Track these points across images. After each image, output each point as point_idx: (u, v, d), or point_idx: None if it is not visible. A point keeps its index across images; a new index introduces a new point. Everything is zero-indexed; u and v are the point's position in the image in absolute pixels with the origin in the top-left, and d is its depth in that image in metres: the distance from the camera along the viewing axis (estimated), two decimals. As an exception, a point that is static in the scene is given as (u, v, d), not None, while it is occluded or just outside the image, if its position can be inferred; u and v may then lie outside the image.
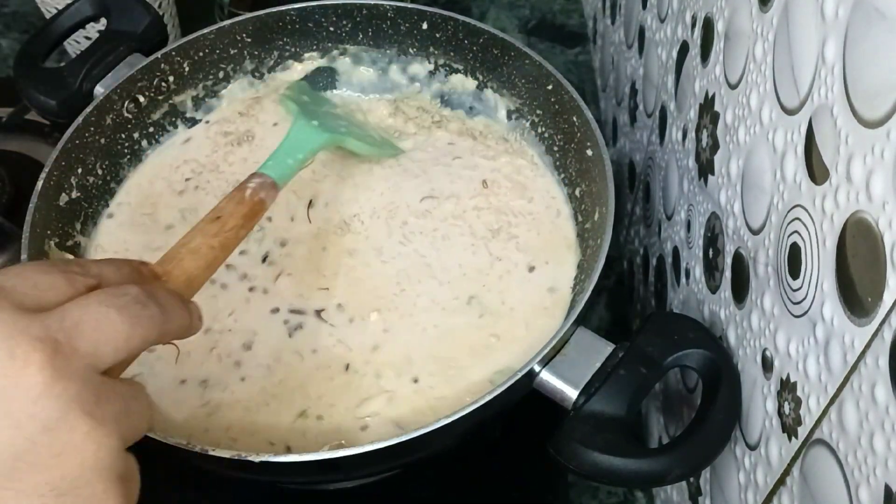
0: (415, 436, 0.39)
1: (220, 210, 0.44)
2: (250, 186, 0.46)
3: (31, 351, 0.28)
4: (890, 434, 0.28)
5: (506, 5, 0.91)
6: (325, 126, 0.55)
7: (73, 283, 0.32)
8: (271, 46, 0.63)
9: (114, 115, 0.57)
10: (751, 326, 0.40)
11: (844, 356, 0.31)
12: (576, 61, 0.86)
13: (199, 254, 0.40)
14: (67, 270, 0.32)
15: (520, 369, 0.42)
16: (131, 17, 0.59)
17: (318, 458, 0.39)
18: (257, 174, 0.47)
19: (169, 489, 0.55)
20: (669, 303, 0.54)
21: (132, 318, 0.31)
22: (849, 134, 0.30)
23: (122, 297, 0.32)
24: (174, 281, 0.38)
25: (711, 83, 0.45)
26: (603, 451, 0.40)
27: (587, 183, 0.54)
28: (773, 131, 0.37)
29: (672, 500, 0.53)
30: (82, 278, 0.32)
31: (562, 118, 0.56)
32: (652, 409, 0.58)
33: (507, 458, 0.57)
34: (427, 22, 0.61)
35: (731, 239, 0.43)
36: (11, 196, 0.63)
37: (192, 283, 0.39)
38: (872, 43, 0.28)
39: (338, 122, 0.59)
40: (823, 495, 0.33)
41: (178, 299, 0.36)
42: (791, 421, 0.35)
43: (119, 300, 0.31)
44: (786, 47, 0.35)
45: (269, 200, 0.47)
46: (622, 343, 0.44)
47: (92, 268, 0.34)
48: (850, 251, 0.30)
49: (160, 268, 0.38)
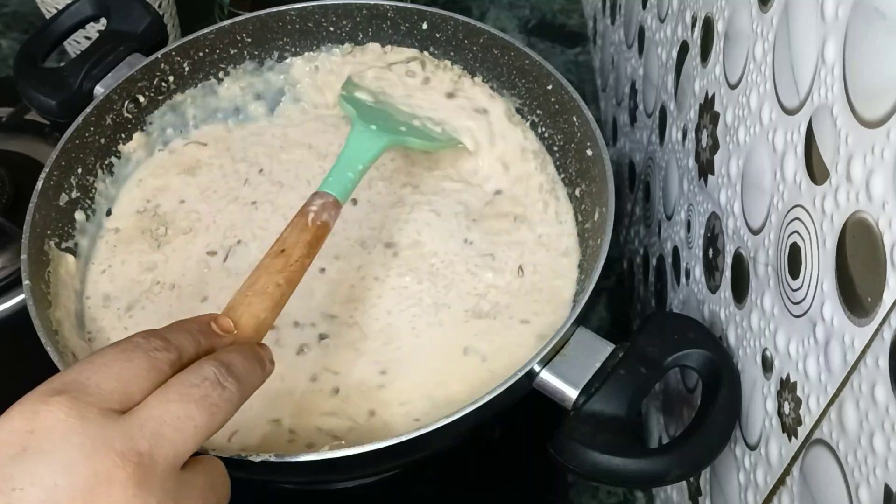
0: (415, 436, 0.39)
1: (284, 241, 0.43)
2: (312, 210, 0.45)
3: (114, 468, 0.29)
4: (890, 434, 0.28)
5: (506, 5, 0.91)
6: (384, 128, 0.53)
7: (157, 366, 0.32)
8: (271, 46, 0.62)
9: (114, 115, 0.57)
10: (751, 326, 0.40)
11: (844, 356, 0.31)
12: (576, 61, 0.86)
13: (267, 294, 0.40)
14: (150, 350, 0.33)
15: (520, 369, 0.42)
16: (131, 17, 0.59)
17: (318, 458, 0.39)
18: (319, 193, 0.46)
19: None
20: (669, 303, 0.54)
21: (212, 409, 0.32)
22: (849, 134, 0.30)
23: (201, 384, 0.32)
24: (244, 330, 0.38)
25: (711, 83, 0.45)
26: (603, 451, 0.40)
27: (587, 183, 0.54)
28: (773, 131, 0.37)
29: (672, 500, 0.53)
30: (165, 354, 0.33)
31: (562, 118, 0.56)
32: (652, 409, 0.58)
33: (507, 458, 0.57)
34: (427, 22, 0.61)
35: (731, 239, 0.43)
36: (11, 196, 0.63)
37: (261, 328, 0.39)
38: (872, 43, 0.28)
39: (397, 119, 0.57)
40: (823, 495, 0.33)
41: (253, 358, 0.36)
42: (791, 421, 0.35)
43: (198, 390, 0.32)
44: (786, 47, 0.35)
45: (333, 221, 0.45)
46: (622, 343, 0.44)
47: (172, 339, 0.34)
48: (850, 251, 0.30)
49: (229, 320, 0.38)
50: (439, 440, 0.41)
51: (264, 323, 0.39)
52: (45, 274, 0.49)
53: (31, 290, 0.46)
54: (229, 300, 0.40)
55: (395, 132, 0.55)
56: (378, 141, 0.52)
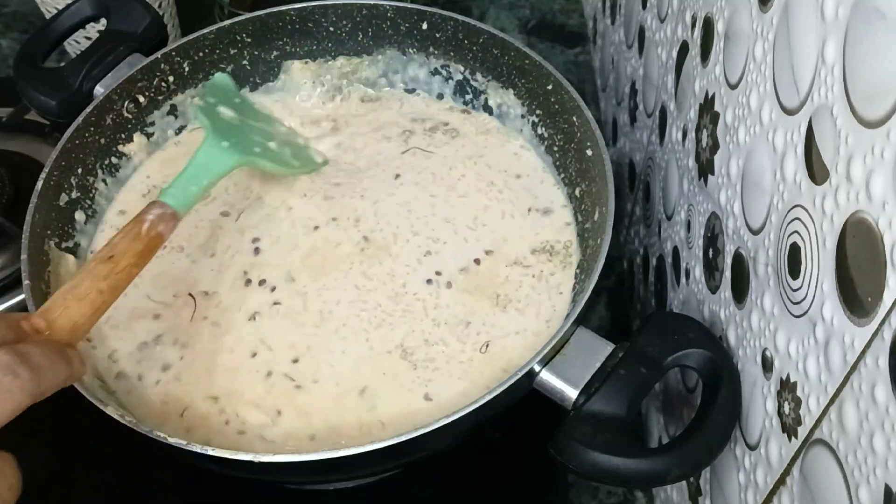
0: (415, 436, 0.39)
1: (113, 248, 0.42)
2: (148, 219, 0.44)
3: None
4: (890, 434, 0.28)
5: (506, 5, 0.91)
6: (237, 147, 0.52)
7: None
8: (271, 46, 0.63)
9: (114, 115, 0.57)
10: (751, 326, 0.40)
11: (844, 356, 0.31)
12: (576, 61, 0.86)
13: (87, 300, 0.39)
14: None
15: (520, 369, 0.42)
16: (131, 17, 0.59)
17: (318, 457, 0.39)
18: (157, 203, 0.45)
19: (169, 489, 0.55)
20: (669, 303, 0.54)
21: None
22: (849, 134, 0.30)
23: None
24: (58, 331, 0.37)
25: (711, 83, 0.45)
26: (603, 450, 0.40)
27: (587, 183, 0.54)
28: (772, 131, 0.37)
29: (672, 499, 0.53)
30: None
31: (562, 118, 0.56)
32: (652, 408, 0.58)
33: (506, 458, 0.57)
34: (427, 22, 0.61)
35: (731, 239, 0.43)
36: (11, 196, 0.63)
37: (77, 331, 0.38)
38: (872, 43, 0.28)
39: (252, 139, 0.55)
40: (823, 495, 0.33)
41: (57, 354, 0.35)
42: (791, 421, 0.35)
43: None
44: (786, 47, 0.35)
45: (168, 233, 0.45)
46: (622, 343, 0.44)
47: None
48: (849, 251, 0.30)
49: (42, 320, 0.37)
50: (439, 440, 0.41)
51: (81, 327, 0.38)
52: (45, 274, 0.49)
53: (31, 290, 0.46)
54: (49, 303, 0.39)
55: (248, 152, 0.53)
56: (228, 159, 0.50)
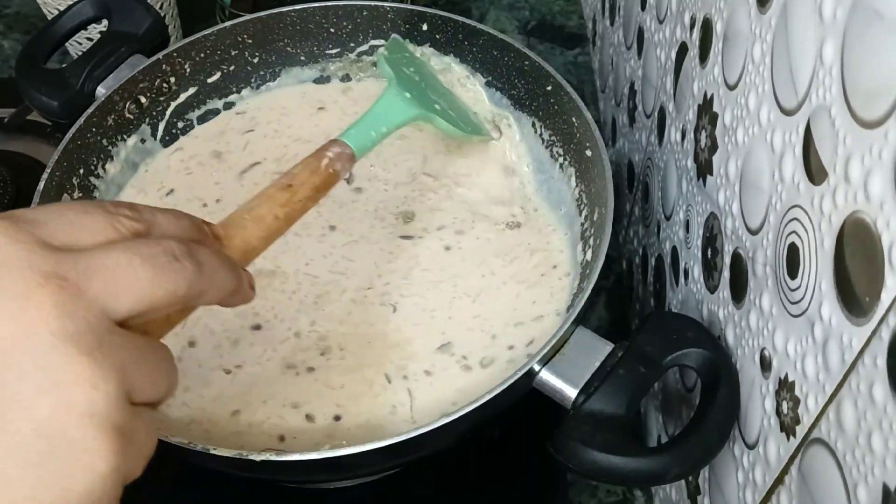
0: (415, 435, 0.39)
1: (293, 178, 0.41)
2: (328, 156, 0.43)
3: (35, 287, 0.26)
4: (888, 433, 0.28)
5: (505, 6, 0.91)
6: (418, 100, 0.52)
7: (116, 227, 0.29)
8: (272, 48, 0.63)
9: (115, 115, 0.57)
10: (749, 326, 0.40)
11: (842, 355, 0.31)
12: (575, 62, 0.86)
13: (264, 224, 0.38)
14: (115, 212, 0.29)
15: (519, 368, 0.42)
16: (133, 18, 0.59)
17: (318, 457, 0.39)
18: (337, 142, 0.44)
19: (169, 489, 0.56)
20: (668, 302, 0.55)
21: (157, 269, 0.28)
22: (847, 134, 0.30)
23: (153, 247, 0.29)
24: (232, 248, 0.36)
25: (710, 84, 0.45)
26: (602, 450, 0.40)
27: (586, 183, 0.54)
28: (771, 132, 0.37)
29: (671, 498, 0.53)
30: (129, 222, 0.29)
31: (561, 119, 0.57)
32: (651, 408, 0.58)
33: (506, 457, 0.57)
34: (427, 23, 0.61)
35: (729, 239, 0.43)
36: (13, 197, 0.63)
37: (249, 254, 0.37)
38: (870, 44, 0.28)
39: (432, 97, 0.55)
40: (822, 494, 0.33)
41: (227, 263, 0.33)
42: (789, 420, 0.36)
43: (148, 250, 0.29)
44: (784, 48, 0.35)
45: (343, 174, 0.44)
46: (621, 342, 0.44)
47: (145, 213, 0.31)
48: (848, 251, 0.30)
49: (221, 230, 0.36)
50: (439, 440, 0.41)
51: (254, 250, 0.37)
52: (46, 274, 0.49)
53: (33, 289, 0.46)
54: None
55: (429, 108, 0.53)
56: (409, 110, 0.50)
